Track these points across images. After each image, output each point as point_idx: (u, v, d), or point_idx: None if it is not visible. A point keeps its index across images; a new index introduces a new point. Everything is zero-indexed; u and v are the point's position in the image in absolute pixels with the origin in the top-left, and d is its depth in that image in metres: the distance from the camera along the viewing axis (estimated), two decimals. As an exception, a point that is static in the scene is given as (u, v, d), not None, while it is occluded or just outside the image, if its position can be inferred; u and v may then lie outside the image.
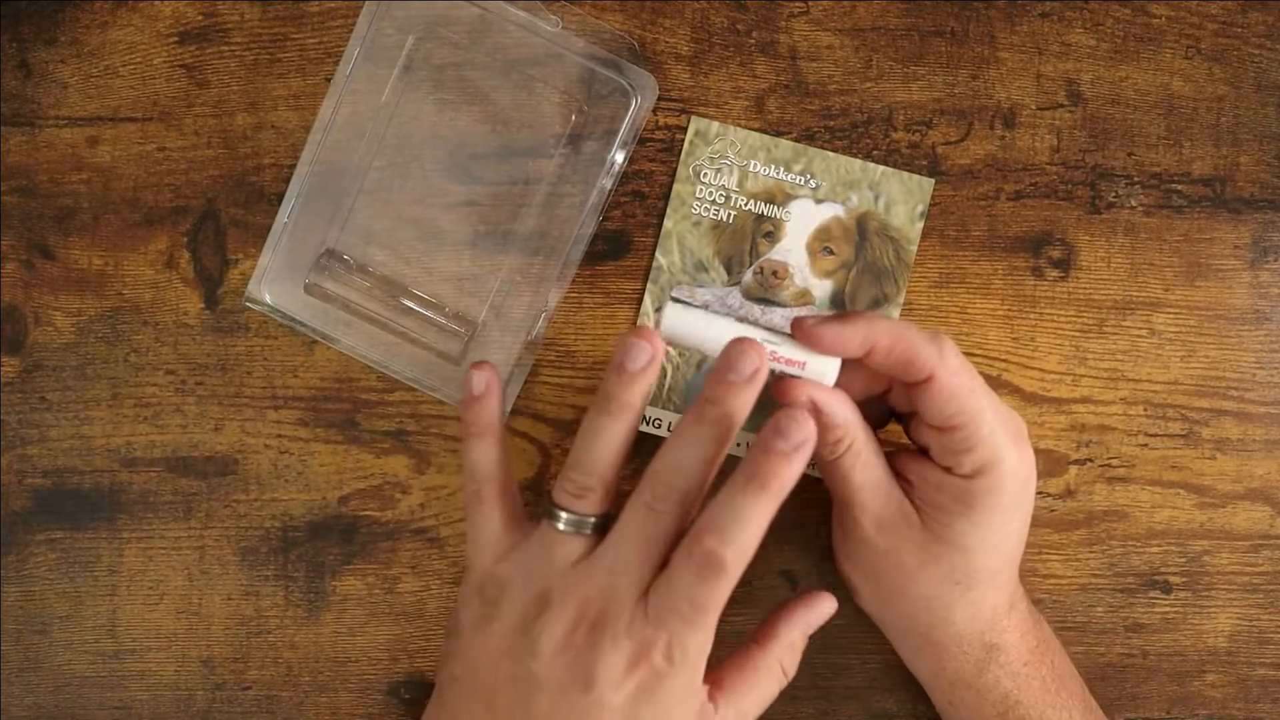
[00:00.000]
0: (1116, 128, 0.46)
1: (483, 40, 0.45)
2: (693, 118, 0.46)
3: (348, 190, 0.45)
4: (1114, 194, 0.46)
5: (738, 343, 0.36)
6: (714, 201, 0.46)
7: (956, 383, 0.37)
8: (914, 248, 0.46)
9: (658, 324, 0.38)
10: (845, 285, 0.46)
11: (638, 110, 0.45)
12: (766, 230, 0.46)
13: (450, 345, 0.45)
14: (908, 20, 0.46)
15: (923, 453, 0.41)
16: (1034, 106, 0.46)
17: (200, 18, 0.46)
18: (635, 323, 0.46)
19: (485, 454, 0.40)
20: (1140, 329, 0.46)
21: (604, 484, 0.38)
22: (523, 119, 0.45)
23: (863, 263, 0.46)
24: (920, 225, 0.46)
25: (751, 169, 0.46)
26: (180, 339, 0.46)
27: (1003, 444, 0.38)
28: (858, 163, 0.46)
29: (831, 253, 0.46)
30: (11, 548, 0.47)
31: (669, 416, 0.46)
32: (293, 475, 0.46)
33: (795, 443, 0.34)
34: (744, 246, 0.46)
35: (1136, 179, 0.46)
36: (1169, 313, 0.46)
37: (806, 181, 0.46)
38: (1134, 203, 0.46)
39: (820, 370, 0.38)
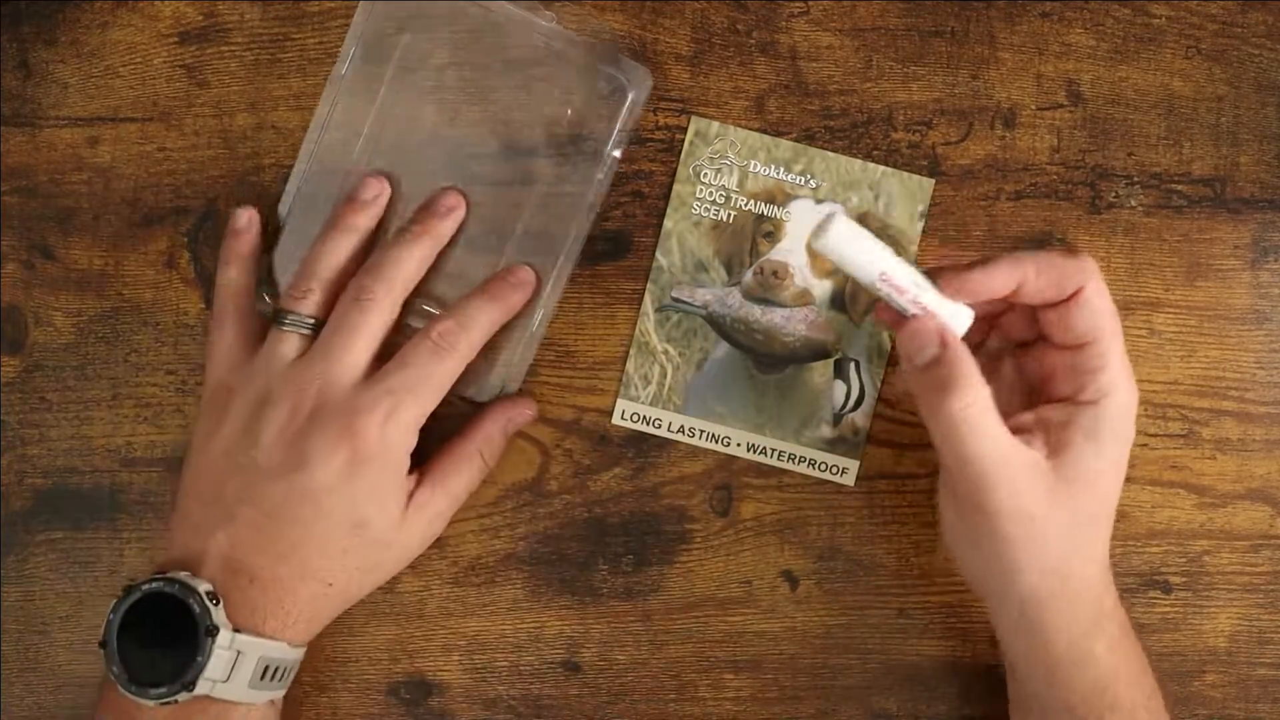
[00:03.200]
0: (1116, 128, 0.46)
1: (478, 39, 0.45)
2: (693, 118, 0.46)
3: (347, 189, 0.45)
4: (1114, 194, 0.46)
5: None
6: (714, 201, 0.46)
7: (1101, 297, 0.39)
8: (914, 248, 0.46)
9: (822, 230, 0.37)
10: (846, 285, 0.46)
11: (633, 105, 0.45)
12: (767, 230, 0.46)
13: None
14: (908, 20, 0.46)
15: (1037, 391, 0.41)
16: (1034, 106, 0.46)
17: (200, 18, 0.46)
18: (635, 324, 0.46)
19: (234, 280, 0.44)
20: (1140, 329, 0.46)
21: (324, 288, 0.42)
22: (520, 117, 0.45)
23: None
24: (920, 225, 0.46)
25: (752, 169, 0.46)
26: (180, 339, 0.46)
27: (1125, 371, 0.39)
28: (858, 163, 0.46)
29: None
30: (12, 548, 0.47)
31: (669, 417, 0.46)
32: (293, 475, 0.46)
33: (520, 277, 0.44)
34: (744, 246, 0.46)
35: (1136, 179, 0.46)
36: (1169, 313, 0.46)
37: (807, 181, 0.46)
38: (1134, 203, 0.46)
39: (951, 318, 0.39)
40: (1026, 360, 0.42)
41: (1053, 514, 0.38)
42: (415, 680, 0.47)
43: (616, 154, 0.45)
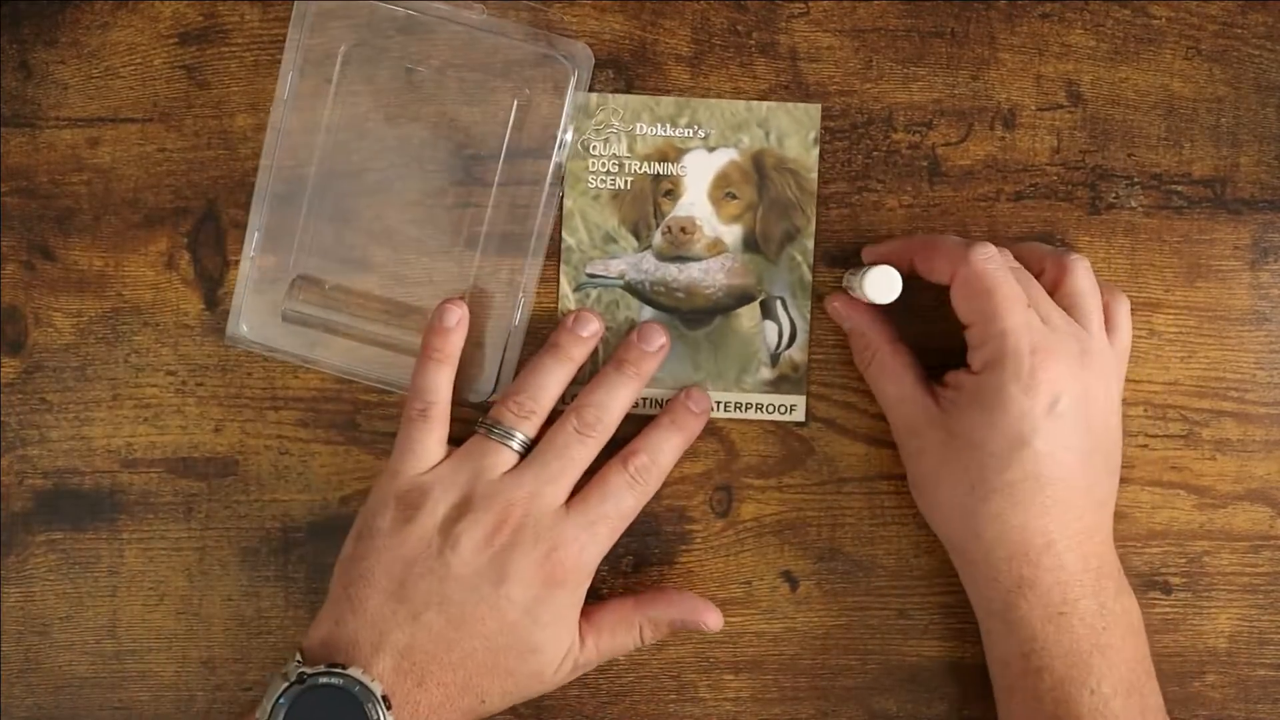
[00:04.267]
0: (1116, 128, 0.46)
1: (413, 41, 0.45)
2: (570, 94, 0.46)
3: (310, 211, 0.45)
4: (1114, 195, 0.46)
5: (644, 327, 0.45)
6: (609, 172, 0.46)
7: (975, 279, 0.40)
8: (814, 175, 0.46)
9: (853, 286, 0.44)
10: (755, 226, 0.46)
11: (578, 82, 0.45)
12: (666, 189, 0.46)
13: None
14: (908, 21, 0.46)
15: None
16: (1034, 107, 0.46)
17: (200, 18, 0.46)
18: (558, 307, 0.46)
19: (443, 378, 0.43)
20: (1140, 329, 0.46)
21: (543, 413, 0.43)
22: (467, 113, 0.45)
23: (767, 201, 0.46)
24: (815, 151, 0.46)
25: (639, 132, 0.46)
26: (180, 340, 0.46)
27: (1015, 347, 0.40)
28: (741, 104, 0.46)
29: (734, 197, 0.46)
30: (12, 549, 0.47)
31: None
32: (293, 476, 0.46)
33: (700, 404, 0.45)
34: (647, 209, 0.46)
35: (1136, 180, 0.46)
36: (1169, 313, 0.46)
37: (695, 133, 0.46)
38: (1134, 203, 0.46)
39: (873, 293, 0.42)
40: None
41: (944, 467, 0.42)
42: (415, 681, 0.47)
43: (568, 136, 0.45)
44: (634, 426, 0.44)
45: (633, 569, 0.47)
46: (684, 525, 0.47)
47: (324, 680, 0.39)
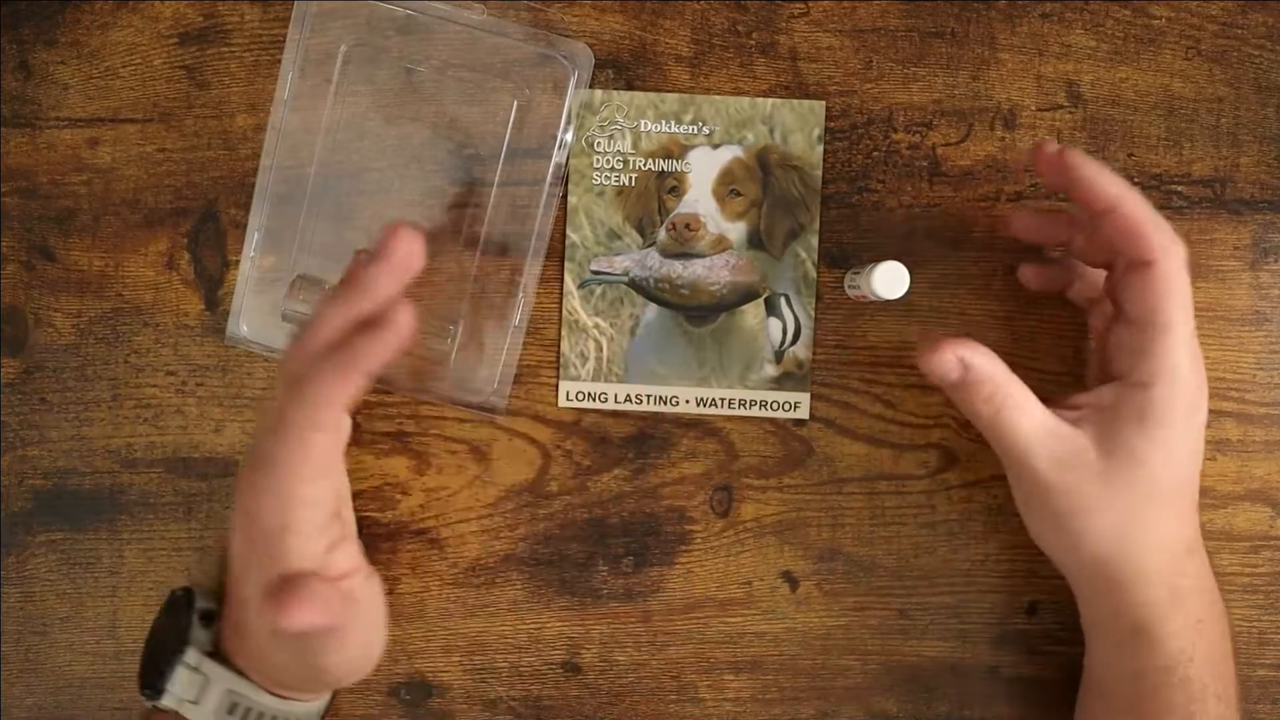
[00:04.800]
0: (1116, 129, 0.46)
1: (413, 41, 0.45)
2: (570, 94, 0.46)
3: (310, 211, 0.45)
4: (1114, 195, 0.46)
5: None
6: (613, 169, 0.46)
7: (1174, 280, 0.38)
8: (818, 172, 0.46)
9: (857, 285, 0.43)
10: (759, 223, 0.46)
11: (578, 82, 0.45)
12: (670, 186, 0.46)
13: (438, 347, 0.46)
14: (908, 21, 0.46)
15: (1097, 370, 0.42)
16: (1034, 107, 0.46)
17: (200, 19, 0.46)
18: (562, 304, 0.46)
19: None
20: (1140, 330, 0.46)
21: None
22: (467, 113, 0.45)
23: (771, 198, 0.46)
24: (820, 149, 0.46)
25: (643, 128, 0.46)
26: (180, 340, 0.46)
27: (1183, 358, 0.39)
28: (745, 100, 0.46)
29: (738, 194, 0.46)
30: (12, 549, 0.47)
31: (613, 389, 0.46)
32: (293, 476, 0.46)
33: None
34: (651, 206, 0.46)
35: (1136, 180, 0.46)
36: (1169, 313, 0.46)
37: (700, 129, 0.46)
38: (1134, 203, 0.46)
39: (882, 287, 0.41)
40: (1108, 336, 0.42)
41: (1104, 492, 0.39)
42: (415, 681, 0.47)
43: (569, 137, 0.45)
44: (635, 426, 0.44)
45: (633, 569, 0.47)
46: (684, 525, 0.47)
47: (173, 593, 0.41)
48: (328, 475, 0.37)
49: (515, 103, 0.45)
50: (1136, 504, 0.40)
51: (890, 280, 0.41)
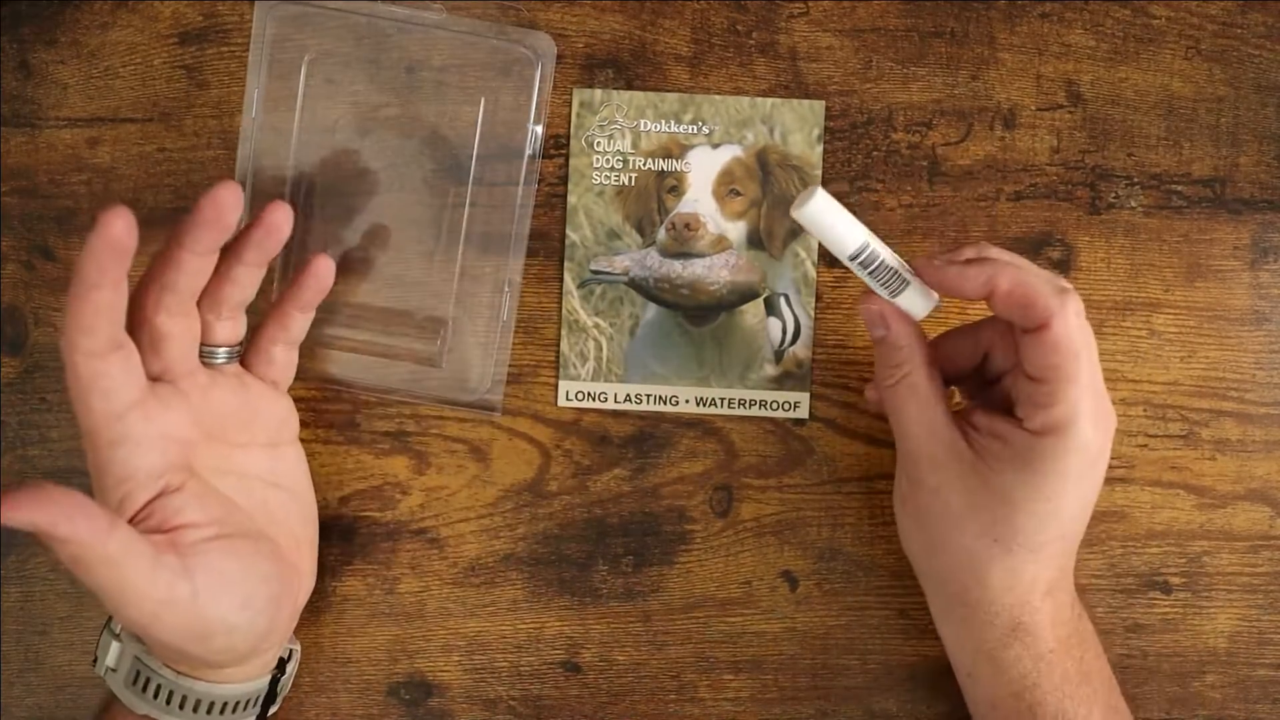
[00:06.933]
0: (1116, 128, 0.46)
1: (376, 45, 0.45)
2: (575, 90, 0.46)
3: (301, 214, 0.45)
4: (1114, 195, 0.46)
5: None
6: (612, 168, 0.46)
7: (1068, 339, 0.37)
8: (818, 172, 0.46)
9: (802, 201, 0.38)
10: (759, 223, 0.46)
11: (543, 74, 0.45)
12: (670, 185, 0.46)
13: (428, 349, 0.46)
14: (908, 21, 0.46)
15: (1003, 408, 0.40)
16: (1034, 107, 0.46)
17: (200, 18, 0.46)
18: (562, 304, 0.46)
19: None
20: (1140, 329, 0.46)
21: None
22: (438, 113, 0.45)
23: (771, 197, 0.46)
24: (820, 149, 0.46)
25: (643, 128, 0.46)
26: (180, 340, 0.46)
27: (1083, 416, 0.37)
28: (745, 100, 0.46)
29: (738, 194, 0.46)
30: (12, 549, 0.47)
31: (613, 388, 0.46)
32: (293, 476, 0.46)
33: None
34: (651, 206, 0.46)
35: (1136, 180, 0.46)
36: (1169, 313, 0.46)
37: (700, 129, 0.46)
38: (1134, 203, 0.46)
39: (911, 305, 0.40)
40: (1014, 378, 0.41)
41: (965, 511, 0.39)
42: (415, 680, 0.47)
43: (539, 129, 0.45)
44: (635, 425, 0.44)
45: (633, 569, 0.47)
46: (684, 525, 0.47)
47: None
48: (129, 408, 0.35)
49: (483, 99, 0.45)
50: (992, 539, 0.39)
51: (921, 299, 0.40)
